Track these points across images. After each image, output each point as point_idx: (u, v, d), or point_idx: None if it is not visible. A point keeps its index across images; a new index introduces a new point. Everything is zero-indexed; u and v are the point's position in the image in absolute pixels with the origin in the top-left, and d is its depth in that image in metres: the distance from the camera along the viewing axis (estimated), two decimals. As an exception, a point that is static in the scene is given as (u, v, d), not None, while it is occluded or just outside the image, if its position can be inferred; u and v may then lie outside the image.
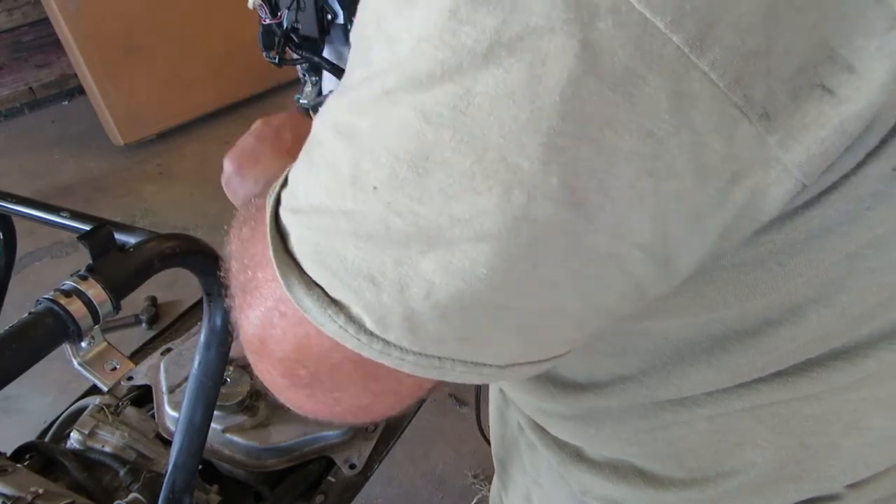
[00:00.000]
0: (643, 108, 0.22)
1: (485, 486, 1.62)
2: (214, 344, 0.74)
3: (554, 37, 0.21)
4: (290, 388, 0.32)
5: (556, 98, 0.21)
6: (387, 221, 0.25)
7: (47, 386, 1.88)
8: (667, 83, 0.21)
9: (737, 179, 0.24)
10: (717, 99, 0.22)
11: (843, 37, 0.21)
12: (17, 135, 3.42)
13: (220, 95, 3.40)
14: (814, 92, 0.22)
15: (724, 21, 0.21)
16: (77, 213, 0.67)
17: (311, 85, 1.62)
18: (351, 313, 0.27)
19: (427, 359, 0.28)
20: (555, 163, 0.22)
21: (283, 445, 1.17)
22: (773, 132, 0.22)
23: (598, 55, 0.21)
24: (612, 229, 0.24)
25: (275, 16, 1.39)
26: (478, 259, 0.24)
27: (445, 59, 0.22)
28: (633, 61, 0.21)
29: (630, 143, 0.22)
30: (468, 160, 0.23)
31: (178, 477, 0.81)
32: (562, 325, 0.29)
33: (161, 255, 0.59)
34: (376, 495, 1.61)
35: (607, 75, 0.21)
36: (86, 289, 0.52)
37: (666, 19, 0.20)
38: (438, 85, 0.23)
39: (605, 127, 0.22)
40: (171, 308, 2.17)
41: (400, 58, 0.24)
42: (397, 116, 0.24)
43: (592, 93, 0.21)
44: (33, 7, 3.62)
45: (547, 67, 0.21)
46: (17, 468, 0.94)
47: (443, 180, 0.24)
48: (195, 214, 2.71)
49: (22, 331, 0.50)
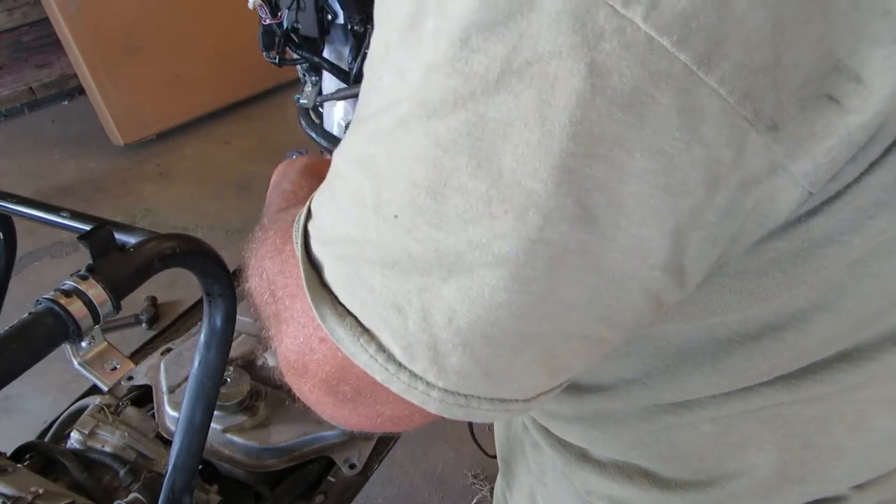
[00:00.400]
0: (653, 126, 0.22)
1: (485, 486, 1.62)
2: (214, 344, 0.74)
3: (561, 61, 0.21)
4: (334, 405, 0.33)
5: (566, 120, 0.22)
6: (409, 249, 0.26)
7: (47, 386, 1.88)
8: (676, 101, 0.21)
9: (745, 188, 0.24)
10: (727, 113, 0.22)
11: (850, 47, 0.21)
12: (17, 135, 3.42)
13: (220, 95, 3.40)
14: (821, 102, 0.22)
15: (731, 38, 0.21)
16: (77, 213, 0.67)
17: (311, 85, 1.62)
18: (381, 343, 0.28)
19: (453, 396, 0.28)
20: (568, 184, 0.23)
21: (283, 445, 1.17)
22: (780, 142, 0.23)
23: (606, 76, 0.21)
24: (629, 248, 0.24)
25: (275, 16, 1.39)
26: (497, 285, 0.25)
27: (458, 87, 0.23)
28: (640, 81, 0.21)
29: (642, 162, 0.22)
30: (484, 185, 0.23)
31: (178, 477, 0.81)
32: (583, 347, 0.29)
33: (161, 255, 0.59)
34: (376, 495, 1.61)
35: (616, 96, 0.21)
36: (86, 289, 0.52)
37: (672, 38, 0.21)
38: (452, 112, 0.23)
39: (616, 146, 0.22)
40: (171, 308, 2.17)
41: (412, 87, 0.24)
42: (413, 145, 0.25)
43: (602, 114, 0.22)
44: (33, 7, 3.62)
45: (556, 91, 0.22)
46: (17, 468, 0.94)
47: (460, 206, 0.24)
48: (195, 214, 2.71)
49: (22, 331, 0.50)
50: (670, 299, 0.28)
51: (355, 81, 1.42)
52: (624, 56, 0.21)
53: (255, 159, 3.03)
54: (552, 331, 0.27)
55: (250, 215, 2.58)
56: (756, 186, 0.24)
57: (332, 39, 1.47)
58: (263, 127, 3.31)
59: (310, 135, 1.56)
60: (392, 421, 0.33)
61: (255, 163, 3.01)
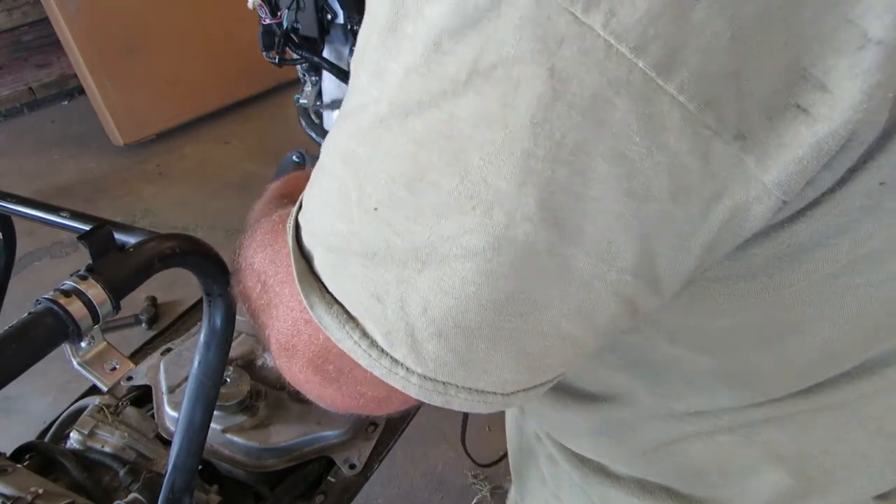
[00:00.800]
0: (613, 131, 0.22)
1: (485, 486, 1.62)
2: (214, 344, 0.74)
3: (524, 66, 0.22)
4: (320, 384, 0.35)
5: (528, 122, 0.22)
6: (388, 241, 0.27)
7: (47, 386, 1.88)
8: (636, 107, 0.22)
9: (717, 198, 0.24)
10: (689, 121, 0.22)
11: (815, 56, 0.22)
12: (17, 135, 3.42)
13: (220, 95, 3.40)
14: (788, 111, 0.22)
15: (689, 46, 0.21)
16: (77, 213, 0.67)
17: (311, 85, 1.62)
18: (365, 329, 0.30)
19: (432, 383, 0.29)
20: (530, 184, 0.23)
21: (283, 445, 1.17)
22: (749, 151, 0.23)
23: (566, 81, 0.22)
24: (596, 251, 0.25)
25: (275, 16, 1.39)
26: (466, 277, 0.26)
27: (431, 88, 0.24)
28: (600, 87, 0.22)
29: (604, 166, 0.23)
30: (454, 181, 0.24)
31: (178, 477, 0.81)
32: (558, 346, 0.29)
33: (161, 255, 0.59)
34: (376, 495, 1.61)
35: (576, 100, 0.22)
36: (86, 289, 0.52)
37: (630, 45, 0.21)
38: (427, 111, 0.24)
39: (577, 150, 0.23)
40: (171, 308, 2.17)
41: (391, 86, 0.25)
42: (392, 142, 0.26)
43: (562, 117, 0.22)
44: (33, 7, 3.62)
45: (518, 94, 0.22)
46: (16, 468, 0.94)
47: (434, 200, 0.25)
48: (195, 214, 2.71)
49: (22, 331, 0.50)
50: (647, 305, 0.28)
51: (355, 81, 1.42)
52: (583, 62, 0.21)
53: (255, 159, 3.03)
54: (525, 327, 0.27)
55: (250, 215, 2.58)
56: (727, 196, 0.24)
57: (331, 39, 1.48)
58: (263, 127, 3.31)
59: (310, 135, 1.56)
60: (374, 402, 0.34)
61: (255, 163, 3.01)
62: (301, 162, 1.82)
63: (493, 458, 1.62)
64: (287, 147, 1.89)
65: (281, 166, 1.86)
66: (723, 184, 0.23)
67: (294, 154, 1.83)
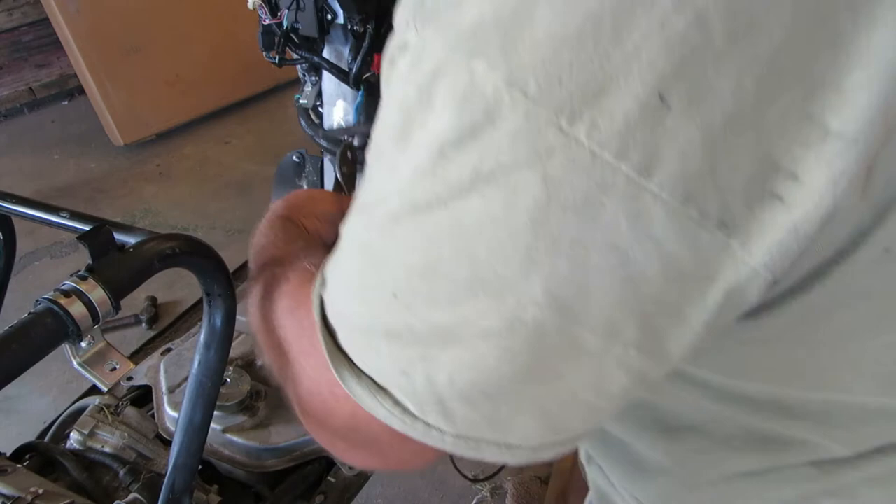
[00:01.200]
0: (605, 226, 0.25)
1: (485, 487, 1.62)
2: (214, 344, 0.74)
3: (520, 172, 0.25)
4: (349, 450, 0.38)
5: (528, 221, 0.25)
6: (409, 324, 0.30)
7: (47, 386, 1.88)
8: (623, 205, 0.24)
9: (710, 280, 0.26)
10: (673, 214, 0.24)
11: (784, 149, 0.24)
12: (17, 135, 3.42)
13: (220, 95, 3.40)
14: (765, 199, 0.24)
15: (665, 149, 0.23)
16: (77, 213, 0.67)
17: (311, 85, 1.62)
18: (396, 398, 0.32)
19: (464, 440, 0.32)
20: (534, 274, 0.26)
21: (283, 445, 1.17)
22: (734, 237, 0.25)
23: (559, 186, 0.24)
24: (601, 330, 0.27)
25: (275, 16, 1.39)
26: (485, 353, 0.28)
27: (439, 191, 0.27)
28: (589, 190, 0.24)
29: (600, 257, 0.25)
30: (466, 271, 0.27)
31: (178, 477, 0.81)
32: (577, 410, 0.31)
33: (161, 255, 0.59)
34: (376, 495, 1.61)
35: (569, 202, 0.24)
36: (85, 289, 0.52)
37: (612, 151, 0.23)
38: (436, 210, 0.27)
39: (574, 244, 0.25)
40: (171, 308, 2.17)
41: (402, 186, 0.28)
42: (405, 236, 0.29)
43: (558, 217, 0.25)
44: (33, 7, 3.62)
45: (518, 196, 0.25)
46: (16, 468, 0.94)
47: (448, 288, 0.28)
48: (195, 214, 2.71)
49: (22, 331, 0.50)
50: (656, 373, 0.30)
51: (354, 82, 1.42)
52: (572, 168, 0.24)
53: (255, 159, 3.03)
54: (544, 394, 0.30)
55: (250, 215, 2.58)
56: (720, 278, 0.26)
57: (331, 39, 1.47)
58: (263, 127, 3.31)
59: (310, 135, 1.56)
60: (400, 462, 0.38)
61: (255, 163, 3.01)
62: (301, 162, 1.82)
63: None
64: (287, 147, 1.89)
65: (281, 166, 1.85)
66: (713, 268, 0.25)
67: (294, 154, 1.83)
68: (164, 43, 3.15)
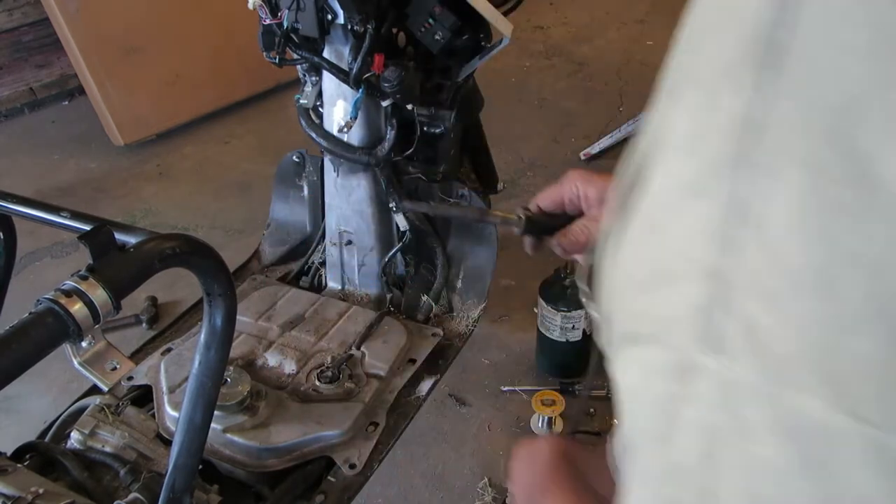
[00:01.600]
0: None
1: (488, 493, 1.62)
2: (214, 344, 0.74)
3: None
4: None
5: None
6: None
7: (47, 386, 1.89)
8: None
9: None
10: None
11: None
12: (17, 135, 3.42)
13: (220, 95, 3.40)
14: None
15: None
16: (77, 213, 0.67)
17: (312, 85, 1.62)
18: None
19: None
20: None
21: (283, 445, 1.17)
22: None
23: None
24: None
25: (275, 16, 1.39)
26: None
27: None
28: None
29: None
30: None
31: (178, 477, 0.81)
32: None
33: (161, 255, 0.59)
34: (376, 495, 1.61)
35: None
36: (86, 289, 0.52)
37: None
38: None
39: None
40: (171, 308, 2.17)
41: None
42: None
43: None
44: (33, 7, 3.62)
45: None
46: (17, 468, 0.94)
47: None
48: (195, 214, 2.71)
49: (22, 331, 0.50)
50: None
51: (354, 82, 1.42)
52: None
53: (255, 159, 3.03)
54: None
55: (250, 215, 2.58)
56: None
57: (331, 39, 1.48)
58: (263, 127, 3.30)
59: (310, 135, 1.56)
60: None
61: (255, 163, 3.01)
62: (301, 162, 1.82)
63: (496, 458, 1.62)
64: (287, 147, 1.89)
65: (281, 166, 1.85)
66: None
67: (294, 154, 1.83)
68: (164, 43, 3.15)
